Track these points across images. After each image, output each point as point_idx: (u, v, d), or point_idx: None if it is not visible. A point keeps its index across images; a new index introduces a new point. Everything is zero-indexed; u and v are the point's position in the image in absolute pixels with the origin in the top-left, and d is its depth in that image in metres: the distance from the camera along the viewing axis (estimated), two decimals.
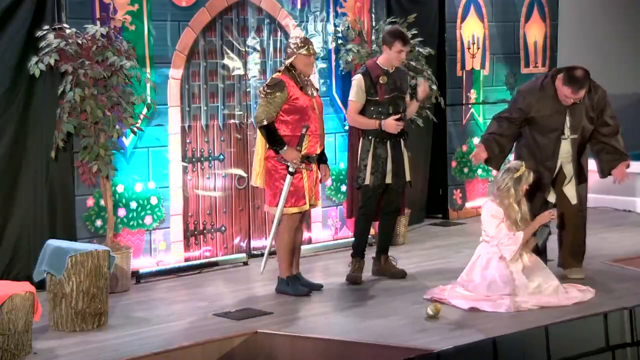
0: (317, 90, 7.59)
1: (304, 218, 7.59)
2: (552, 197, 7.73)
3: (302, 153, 7.29)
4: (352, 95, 7.77)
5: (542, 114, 7.59)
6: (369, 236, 8.19)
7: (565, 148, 7.66)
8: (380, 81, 7.69)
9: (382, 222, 8.02)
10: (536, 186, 7.58)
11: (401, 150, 7.80)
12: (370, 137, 7.71)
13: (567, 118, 7.60)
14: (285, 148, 7.23)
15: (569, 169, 7.70)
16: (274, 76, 7.40)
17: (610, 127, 7.76)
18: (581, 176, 7.77)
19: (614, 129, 7.79)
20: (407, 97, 7.96)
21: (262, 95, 7.31)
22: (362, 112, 7.73)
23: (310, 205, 7.47)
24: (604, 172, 7.82)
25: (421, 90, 7.86)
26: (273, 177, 7.33)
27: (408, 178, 7.87)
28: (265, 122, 7.24)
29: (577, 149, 7.71)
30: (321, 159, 7.51)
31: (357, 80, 7.76)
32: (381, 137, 7.69)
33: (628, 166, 7.81)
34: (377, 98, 7.69)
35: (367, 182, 7.72)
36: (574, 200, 7.76)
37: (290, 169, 7.27)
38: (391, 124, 7.64)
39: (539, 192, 7.62)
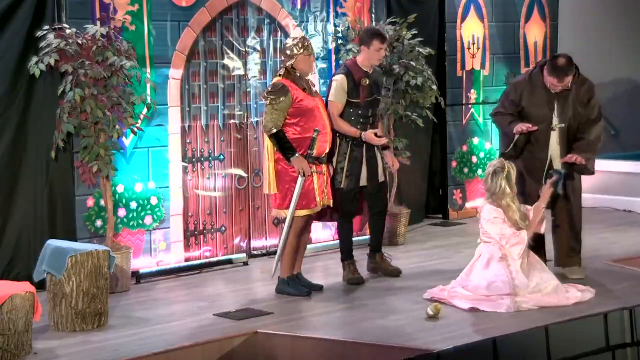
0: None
1: (311, 219, 7.58)
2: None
3: (313, 155, 7.27)
4: (333, 96, 7.62)
5: (532, 104, 7.66)
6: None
7: (554, 139, 7.70)
8: (362, 83, 7.65)
9: (370, 222, 8.03)
10: (532, 179, 7.64)
11: (374, 152, 7.74)
12: (348, 140, 7.63)
13: (556, 107, 7.66)
14: (295, 155, 7.21)
15: (557, 164, 7.72)
16: (274, 81, 7.34)
17: (591, 122, 7.75)
18: (570, 172, 7.79)
19: (595, 121, 7.77)
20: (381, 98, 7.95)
21: (267, 103, 7.27)
22: (341, 113, 7.70)
23: (323, 205, 7.45)
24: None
25: (390, 162, 7.88)
26: (283, 180, 7.30)
27: (381, 179, 7.79)
28: (274, 130, 7.20)
29: (566, 143, 7.72)
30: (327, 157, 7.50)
31: (339, 80, 7.63)
32: (358, 139, 7.65)
33: (585, 161, 7.66)
34: (358, 100, 7.64)
35: (343, 185, 7.67)
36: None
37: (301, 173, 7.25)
38: (372, 138, 7.60)
39: (535, 185, 7.66)
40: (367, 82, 7.63)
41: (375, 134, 7.63)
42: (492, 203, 7.19)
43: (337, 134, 7.63)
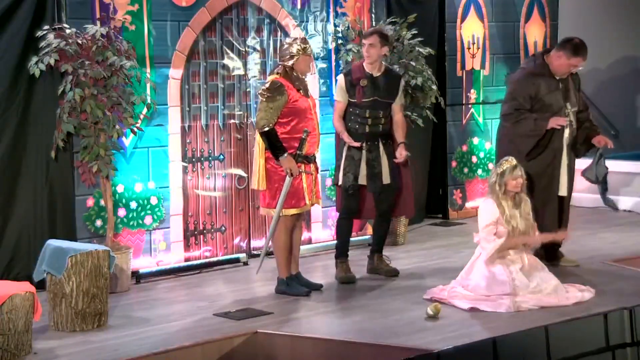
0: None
1: (301, 218, 7.59)
2: (563, 191, 7.80)
3: (302, 155, 7.28)
4: (335, 95, 7.83)
5: (545, 93, 7.75)
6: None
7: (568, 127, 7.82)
8: (361, 84, 7.66)
9: (374, 223, 8.08)
10: (545, 175, 7.67)
11: (379, 154, 7.74)
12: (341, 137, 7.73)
13: (564, 93, 7.81)
14: (285, 155, 7.21)
15: (567, 152, 7.80)
16: (272, 79, 7.34)
17: (585, 107, 8.06)
18: (572, 166, 7.86)
19: (587, 107, 8.12)
20: (400, 100, 7.85)
21: (263, 100, 7.28)
22: (345, 111, 7.75)
23: (312, 204, 7.47)
24: (582, 142, 7.97)
25: (399, 156, 7.76)
26: (272, 179, 7.31)
27: (387, 181, 7.76)
28: (266, 129, 7.21)
29: (575, 130, 7.85)
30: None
31: (339, 80, 7.81)
32: (356, 139, 7.66)
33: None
34: (355, 100, 7.67)
35: (340, 182, 7.72)
36: (564, 191, 7.84)
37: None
38: (345, 138, 7.65)
39: (550, 182, 7.72)
40: (366, 83, 7.65)
41: (361, 137, 7.62)
42: (491, 198, 7.21)
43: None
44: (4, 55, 7.41)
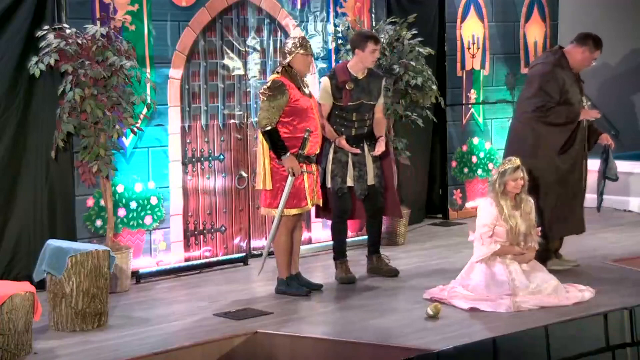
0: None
1: (301, 218, 7.59)
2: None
3: (304, 154, 7.28)
4: (318, 98, 7.75)
5: (569, 86, 7.77)
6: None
7: (584, 121, 7.83)
8: (347, 87, 7.66)
9: (366, 224, 8.09)
10: (575, 168, 7.69)
11: (364, 156, 7.74)
12: (331, 141, 7.72)
13: (579, 86, 7.86)
14: (287, 155, 7.21)
15: (585, 146, 7.87)
16: (274, 78, 7.35)
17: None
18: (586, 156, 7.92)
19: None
20: (381, 100, 7.83)
21: (264, 99, 7.28)
22: (329, 114, 7.73)
23: (312, 204, 7.48)
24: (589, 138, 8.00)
25: (377, 147, 7.70)
26: (274, 179, 7.32)
27: (371, 182, 7.75)
28: (268, 128, 7.22)
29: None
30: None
31: (323, 83, 7.77)
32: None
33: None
34: (341, 104, 7.67)
35: (329, 185, 7.73)
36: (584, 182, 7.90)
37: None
38: (344, 145, 7.64)
39: (579, 175, 7.75)
40: (352, 86, 7.65)
41: (347, 140, 7.63)
42: (490, 197, 7.21)
43: (324, 136, 7.71)
44: (4, 55, 7.42)
